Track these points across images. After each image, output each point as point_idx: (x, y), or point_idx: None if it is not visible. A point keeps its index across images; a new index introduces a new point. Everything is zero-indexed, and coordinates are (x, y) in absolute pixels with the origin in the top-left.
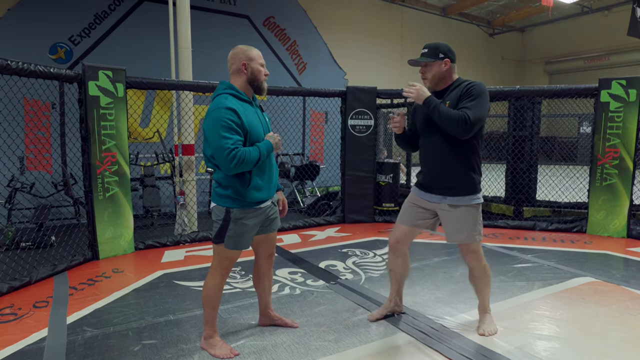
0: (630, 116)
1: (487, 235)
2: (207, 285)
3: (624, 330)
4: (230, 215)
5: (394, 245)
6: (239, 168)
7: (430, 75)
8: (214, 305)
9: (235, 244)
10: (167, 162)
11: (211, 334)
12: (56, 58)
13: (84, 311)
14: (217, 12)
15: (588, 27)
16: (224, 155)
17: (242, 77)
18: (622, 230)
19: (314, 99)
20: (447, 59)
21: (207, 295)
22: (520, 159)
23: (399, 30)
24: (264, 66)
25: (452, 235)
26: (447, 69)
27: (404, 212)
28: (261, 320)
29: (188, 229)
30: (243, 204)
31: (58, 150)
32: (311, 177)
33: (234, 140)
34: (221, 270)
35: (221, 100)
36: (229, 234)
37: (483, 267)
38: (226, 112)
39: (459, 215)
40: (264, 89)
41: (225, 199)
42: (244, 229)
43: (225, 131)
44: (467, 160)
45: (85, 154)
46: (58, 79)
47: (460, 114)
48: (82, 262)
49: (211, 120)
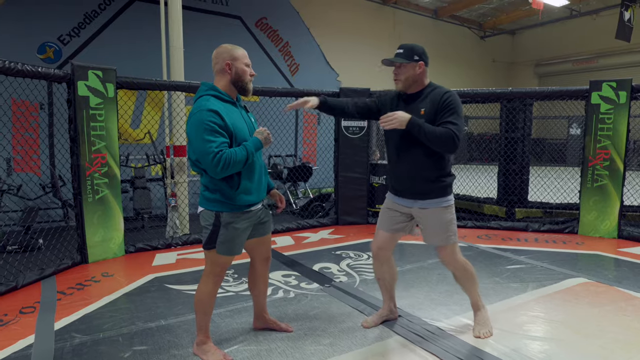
0: (620, 118)
1: (480, 236)
2: (200, 291)
3: (618, 332)
4: (220, 220)
5: (377, 253)
6: (226, 171)
7: (404, 76)
8: (206, 312)
9: (227, 249)
10: (158, 164)
11: (204, 340)
12: (45, 58)
13: (73, 317)
14: (209, 13)
15: (577, 30)
16: (209, 159)
17: (225, 77)
18: (613, 231)
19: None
20: (422, 62)
21: (200, 301)
22: (512, 160)
23: (391, 32)
24: (249, 66)
25: (428, 238)
26: (421, 72)
27: (382, 218)
28: (256, 324)
29: (180, 231)
30: (232, 208)
31: (46, 152)
32: (304, 178)
33: (218, 142)
34: (214, 277)
35: (202, 102)
36: (220, 240)
37: (462, 266)
38: (208, 114)
39: (431, 218)
40: (248, 90)
41: (213, 203)
42: (234, 234)
43: (208, 134)
44: (435, 165)
45: (74, 155)
46: (46, 78)
47: (448, 132)
48: (71, 265)
49: (193, 123)
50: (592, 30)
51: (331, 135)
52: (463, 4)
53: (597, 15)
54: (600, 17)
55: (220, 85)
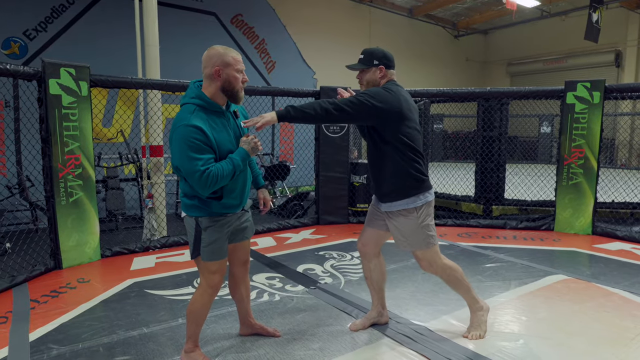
0: (594, 117)
1: (461, 234)
2: (194, 301)
3: (601, 329)
4: (200, 225)
5: (361, 249)
6: (214, 187)
7: (365, 81)
8: (199, 323)
9: (211, 253)
10: (131, 163)
11: (192, 348)
12: (9, 53)
13: (49, 326)
14: (183, 9)
15: (547, 31)
16: (196, 177)
17: (214, 83)
18: (588, 228)
19: (284, 98)
20: (382, 66)
21: (193, 311)
22: (489, 158)
23: (367, 30)
24: (241, 72)
25: (398, 243)
26: (382, 75)
27: (368, 215)
28: (242, 330)
29: (157, 233)
30: (210, 213)
31: (12, 149)
32: (281, 177)
33: (204, 160)
34: (209, 289)
35: (186, 115)
36: (203, 245)
37: (442, 270)
38: (192, 130)
39: (396, 222)
40: (239, 98)
41: (192, 209)
42: (215, 237)
43: (193, 152)
44: (394, 166)
45: (46, 156)
46: (15, 76)
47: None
48: (44, 272)
49: (178, 138)
50: (561, 31)
51: (309, 133)
52: (437, 4)
53: (567, 17)
54: (569, 18)
55: (209, 91)
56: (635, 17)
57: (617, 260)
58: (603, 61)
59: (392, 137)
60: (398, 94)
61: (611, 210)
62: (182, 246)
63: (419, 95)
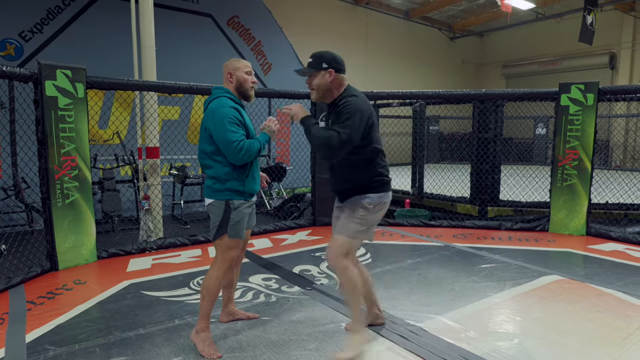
0: (588, 119)
1: (456, 235)
2: (210, 277)
3: (594, 328)
4: (230, 206)
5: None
6: (245, 158)
7: (315, 85)
8: (212, 299)
9: (236, 231)
10: (127, 165)
11: (204, 328)
12: (5, 55)
13: (45, 327)
14: (180, 10)
15: (542, 33)
16: (233, 146)
17: (230, 85)
18: (582, 229)
19: (280, 99)
20: (331, 69)
21: (209, 287)
22: (485, 160)
23: (363, 32)
24: (250, 74)
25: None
26: (332, 79)
27: (334, 224)
28: (222, 317)
29: (154, 235)
30: (241, 195)
31: (9, 152)
32: (277, 178)
33: (240, 133)
34: (224, 264)
35: (223, 101)
36: (231, 224)
37: (343, 269)
38: (231, 110)
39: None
40: (250, 97)
41: (224, 193)
42: (242, 217)
43: (231, 125)
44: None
45: (43, 158)
46: (11, 77)
47: (326, 136)
48: (40, 273)
49: (218, 117)
50: (556, 33)
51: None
52: (433, 6)
53: (561, 19)
54: (564, 21)
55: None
56: (630, 20)
57: (611, 260)
58: (598, 63)
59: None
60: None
61: (605, 212)
62: (179, 248)
63: (415, 97)
